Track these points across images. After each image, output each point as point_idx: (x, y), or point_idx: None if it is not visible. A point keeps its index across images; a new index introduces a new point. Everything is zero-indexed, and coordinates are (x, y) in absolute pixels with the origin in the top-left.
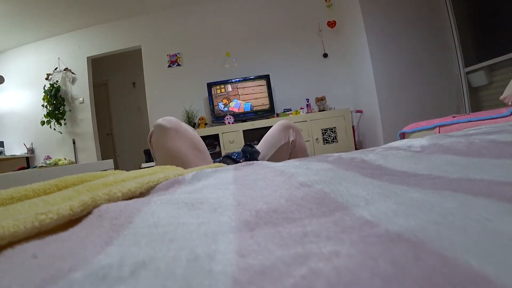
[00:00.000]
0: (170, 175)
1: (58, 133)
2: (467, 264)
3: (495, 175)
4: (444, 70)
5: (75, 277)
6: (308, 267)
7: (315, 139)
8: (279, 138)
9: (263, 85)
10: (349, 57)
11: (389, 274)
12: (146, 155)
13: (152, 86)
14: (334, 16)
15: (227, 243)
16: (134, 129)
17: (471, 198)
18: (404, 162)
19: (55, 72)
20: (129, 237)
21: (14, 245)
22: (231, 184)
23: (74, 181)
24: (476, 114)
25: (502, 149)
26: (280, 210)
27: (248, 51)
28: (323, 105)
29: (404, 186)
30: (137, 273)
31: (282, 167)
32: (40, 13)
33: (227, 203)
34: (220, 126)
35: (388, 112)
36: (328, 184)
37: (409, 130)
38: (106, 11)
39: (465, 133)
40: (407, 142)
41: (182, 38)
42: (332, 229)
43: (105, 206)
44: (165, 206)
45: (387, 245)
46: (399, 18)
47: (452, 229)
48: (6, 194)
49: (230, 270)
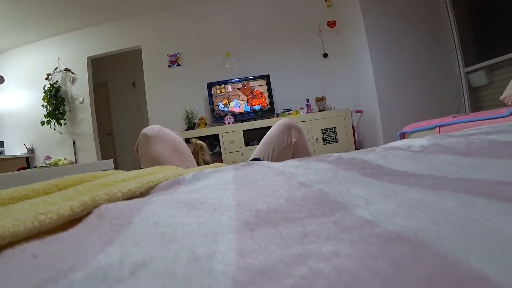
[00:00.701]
0: (170, 175)
1: (58, 133)
2: (467, 264)
3: (495, 175)
4: (444, 70)
5: (75, 277)
6: (308, 267)
7: (315, 139)
8: (280, 140)
9: (263, 85)
10: (349, 57)
11: (389, 274)
12: None
13: (152, 86)
14: (334, 16)
15: (227, 243)
16: (134, 129)
17: (471, 198)
18: (404, 162)
19: (55, 72)
20: (129, 237)
21: (14, 245)
22: (231, 184)
23: (74, 181)
24: (476, 114)
25: (502, 149)
26: (280, 210)
27: (248, 51)
28: (323, 105)
29: (404, 186)
30: (137, 273)
31: (282, 167)
32: (40, 13)
33: (227, 203)
34: (220, 126)
35: (388, 112)
36: (328, 184)
37: (409, 130)
38: (106, 11)
39: (465, 133)
40: (407, 142)
41: (182, 38)
42: (332, 229)
43: (105, 206)
44: (165, 206)
45: (387, 245)
46: (399, 18)
47: (452, 229)
48: (6, 194)
49: (230, 270)
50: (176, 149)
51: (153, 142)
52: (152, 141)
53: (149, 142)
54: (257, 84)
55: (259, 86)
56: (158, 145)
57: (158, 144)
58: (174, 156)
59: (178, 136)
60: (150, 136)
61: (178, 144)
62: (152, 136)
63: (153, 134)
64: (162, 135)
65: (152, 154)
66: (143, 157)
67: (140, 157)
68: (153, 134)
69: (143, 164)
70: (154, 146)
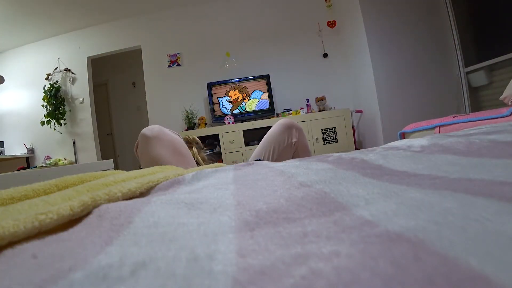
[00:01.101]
0: (170, 175)
1: (58, 133)
2: (467, 264)
3: (495, 175)
4: (444, 70)
5: (75, 277)
6: (308, 267)
7: (315, 139)
8: (281, 140)
9: (263, 85)
10: (349, 57)
11: (389, 274)
12: None
13: (152, 86)
14: (334, 16)
15: (227, 243)
16: (134, 129)
17: (471, 198)
18: (404, 162)
19: (55, 72)
20: (129, 237)
21: (14, 245)
22: (231, 184)
23: (74, 181)
24: (476, 114)
25: (502, 149)
26: (280, 210)
27: (248, 51)
28: (323, 105)
29: (404, 186)
30: (137, 273)
31: (282, 167)
32: (40, 13)
33: (227, 203)
34: (220, 126)
35: (388, 112)
36: (328, 184)
37: (409, 130)
38: (106, 11)
39: (465, 133)
40: (407, 142)
41: (182, 38)
42: (332, 229)
43: (105, 206)
44: (165, 206)
45: (387, 245)
46: (399, 18)
47: (452, 229)
48: (6, 194)
49: (230, 270)
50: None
51: (152, 143)
52: (152, 141)
53: (149, 142)
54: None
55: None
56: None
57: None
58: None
59: (178, 137)
60: (150, 137)
61: (178, 144)
62: (152, 137)
63: (153, 135)
64: (162, 135)
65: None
66: (143, 158)
67: (139, 158)
68: (152, 135)
69: (143, 164)
70: (154, 147)
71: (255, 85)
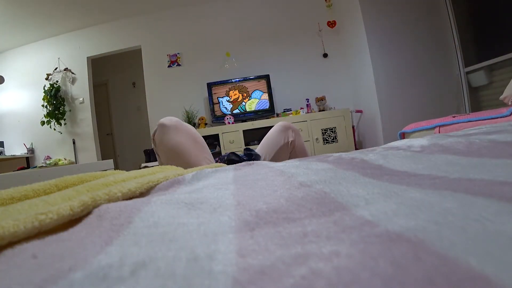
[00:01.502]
0: (170, 175)
1: (58, 133)
2: (467, 264)
3: (495, 175)
4: (444, 70)
5: (75, 277)
6: (308, 267)
7: (315, 139)
8: (278, 139)
9: (263, 85)
10: (349, 57)
11: (389, 274)
12: (146, 155)
13: (152, 86)
14: (334, 16)
15: (227, 243)
16: (134, 129)
17: (471, 198)
18: (404, 162)
19: (55, 72)
20: (129, 237)
21: (14, 245)
22: (231, 184)
23: (74, 181)
24: (476, 114)
25: (502, 149)
26: (280, 210)
27: (248, 51)
28: (323, 105)
29: (404, 186)
30: (137, 273)
31: (282, 167)
32: (40, 13)
33: (227, 203)
34: (220, 126)
35: (388, 112)
36: (328, 184)
37: (409, 130)
38: (106, 11)
39: (465, 133)
40: (407, 142)
41: (182, 38)
42: (332, 229)
43: (105, 206)
44: (165, 206)
45: (387, 245)
46: (399, 18)
47: (452, 229)
48: (6, 194)
49: (230, 270)
50: (196, 139)
51: (172, 132)
52: (171, 130)
53: (168, 131)
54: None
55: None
56: (179, 134)
57: (178, 134)
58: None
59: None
60: (169, 126)
61: (196, 135)
62: (171, 126)
63: (172, 124)
64: (180, 125)
65: (171, 143)
66: (161, 147)
67: (157, 147)
68: (171, 124)
69: (161, 154)
70: (174, 136)
71: (255, 85)
